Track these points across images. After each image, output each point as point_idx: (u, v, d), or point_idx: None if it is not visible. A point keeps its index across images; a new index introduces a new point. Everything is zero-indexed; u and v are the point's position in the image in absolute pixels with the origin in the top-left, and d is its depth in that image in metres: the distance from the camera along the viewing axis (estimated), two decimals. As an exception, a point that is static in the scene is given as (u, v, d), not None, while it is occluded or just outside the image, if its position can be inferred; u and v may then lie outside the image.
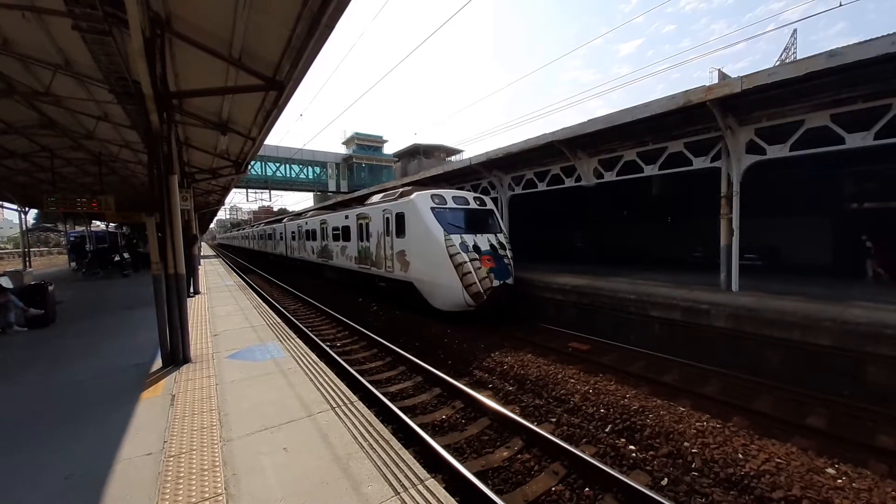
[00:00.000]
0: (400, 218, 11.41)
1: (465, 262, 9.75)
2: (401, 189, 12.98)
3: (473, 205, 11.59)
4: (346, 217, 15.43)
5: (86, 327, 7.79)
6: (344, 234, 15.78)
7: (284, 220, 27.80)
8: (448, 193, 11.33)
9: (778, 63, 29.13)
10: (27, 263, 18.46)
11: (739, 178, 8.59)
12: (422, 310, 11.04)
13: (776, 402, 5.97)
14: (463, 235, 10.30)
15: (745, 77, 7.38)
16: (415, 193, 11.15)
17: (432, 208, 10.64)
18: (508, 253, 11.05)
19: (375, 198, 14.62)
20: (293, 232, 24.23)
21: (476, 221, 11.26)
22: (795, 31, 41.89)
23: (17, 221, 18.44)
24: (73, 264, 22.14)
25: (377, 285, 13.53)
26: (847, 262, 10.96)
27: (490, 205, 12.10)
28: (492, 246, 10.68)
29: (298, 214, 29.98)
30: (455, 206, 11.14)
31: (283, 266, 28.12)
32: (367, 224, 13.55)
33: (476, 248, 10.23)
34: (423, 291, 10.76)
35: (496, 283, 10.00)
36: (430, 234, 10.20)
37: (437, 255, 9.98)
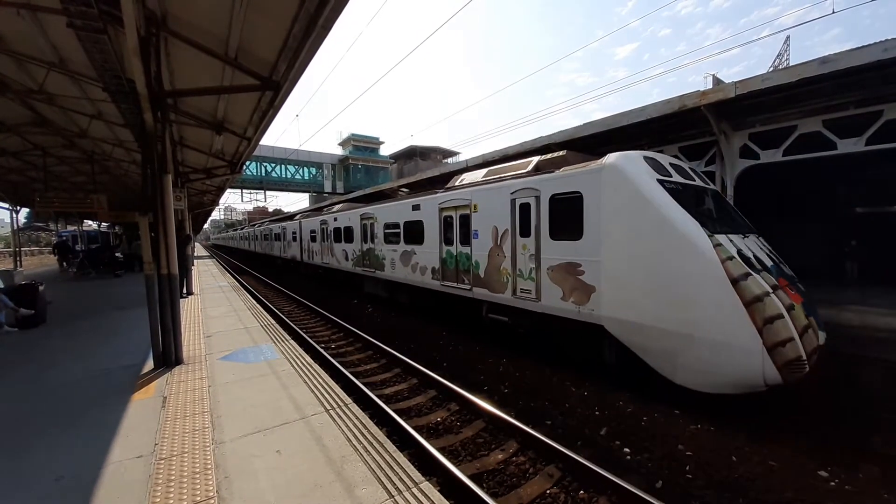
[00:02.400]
0: (571, 203, 6.48)
1: (768, 294, 4.89)
2: (536, 159, 7.96)
3: (697, 181, 6.60)
4: (417, 208, 10.57)
5: (76, 328, 7.71)
6: (410, 233, 11.02)
7: (299, 218, 22.76)
8: (663, 158, 6.48)
9: (771, 68, 29.46)
10: (17, 263, 18.25)
11: (733, 183, 8.67)
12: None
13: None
14: (731, 237, 5.53)
15: (739, 82, 7.44)
16: (613, 156, 6.09)
17: (661, 182, 5.73)
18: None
19: (473, 176, 9.43)
20: (313, 231, 19.39)
21: (721, 211, 6.49)
22: (788, 37, 42.49)
23: (9, 220, 18.23)
24: (63, 264, 21.23)
25: (484, 318, 8.64)
26: (838, 265, 11.11)
27: (711, 183, 7.21)
28: (772, 260, 5.98)
29: (319, 209, 24.52)
30: (682, 180, 6.19)
31: (296, 274, 23.62)
32: (466, 217, 8.80)
33: (761, 263, 5.50)
34: (644, 350, 5.74)
35: (821, 336, 5.39)
36: (674, 235, 5.34)
37: (691, 277, 5.18)
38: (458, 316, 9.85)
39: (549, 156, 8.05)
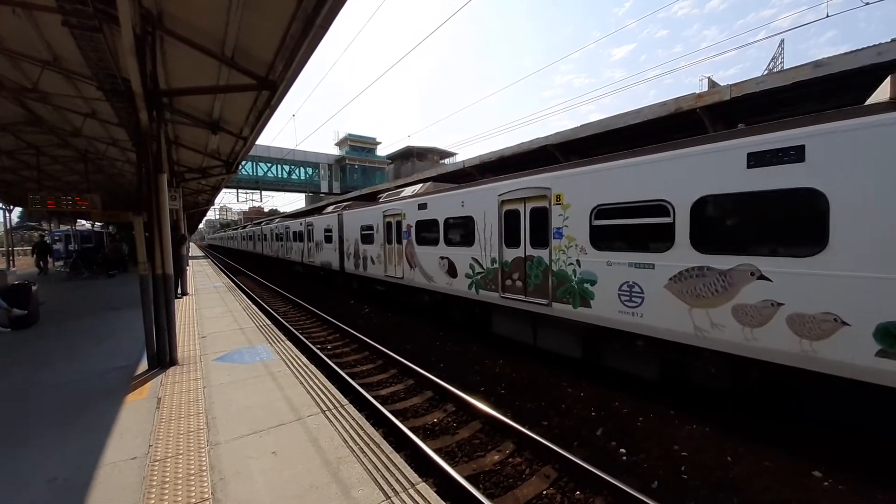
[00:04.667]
0: None
1: None
2: None
3: None
4: (797, 154, 4.12)
5: (70, 328, 7.64)
6: (734, 230, 4.75)
7: (335, 210, 16.58)
8: None
9: (766, 71, 29.76)
10: (10, 263, 18.07)
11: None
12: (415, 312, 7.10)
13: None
14: None
15: (733, 85, 7.50)
16: None
17: None
18: None
19: None
20: (367, 228, 13.17)
21: None
22: (783, 40, 42.75)
23: (1, 219, 18.03)
24: (40, 265, 19.02)
25: None
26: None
27: None
28: None
29: (373, 195, 18.04)
30: None
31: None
32: None
33: None
34: None
35: None
36: None
37: None
38: None
39: None
